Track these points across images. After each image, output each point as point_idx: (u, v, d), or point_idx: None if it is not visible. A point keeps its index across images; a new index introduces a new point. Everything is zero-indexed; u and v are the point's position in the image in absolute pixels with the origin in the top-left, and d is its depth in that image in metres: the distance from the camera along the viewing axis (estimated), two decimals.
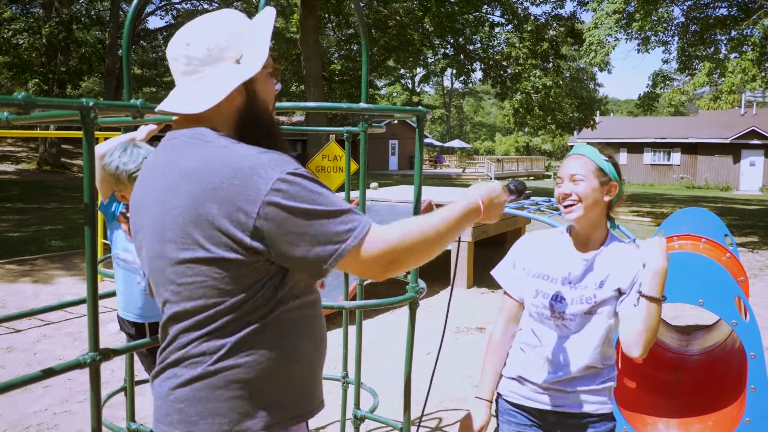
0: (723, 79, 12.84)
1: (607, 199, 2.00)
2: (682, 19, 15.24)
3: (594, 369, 2.02)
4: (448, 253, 8.69)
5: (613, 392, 2.08)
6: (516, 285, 2.14)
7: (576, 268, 2.02)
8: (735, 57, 13.01)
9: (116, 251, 3.00)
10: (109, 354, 2.01)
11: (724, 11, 14.65)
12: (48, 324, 6.18)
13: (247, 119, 1.45)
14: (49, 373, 1.88)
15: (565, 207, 2.00)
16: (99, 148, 2.87)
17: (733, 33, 13.78)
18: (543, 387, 2.04)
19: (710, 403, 3.76)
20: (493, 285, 8.14)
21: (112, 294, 3.60)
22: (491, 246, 10.25)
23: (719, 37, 14.58)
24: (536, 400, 2.06)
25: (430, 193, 9.02)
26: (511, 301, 2.15)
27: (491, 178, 37.42)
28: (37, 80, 23.91)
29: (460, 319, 6.62)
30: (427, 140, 49.31)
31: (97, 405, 1.96)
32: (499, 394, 2.16)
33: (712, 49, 14.42)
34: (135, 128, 3.09)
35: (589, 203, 1.97)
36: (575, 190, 1.97)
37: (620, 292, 1.98)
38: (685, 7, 15.14)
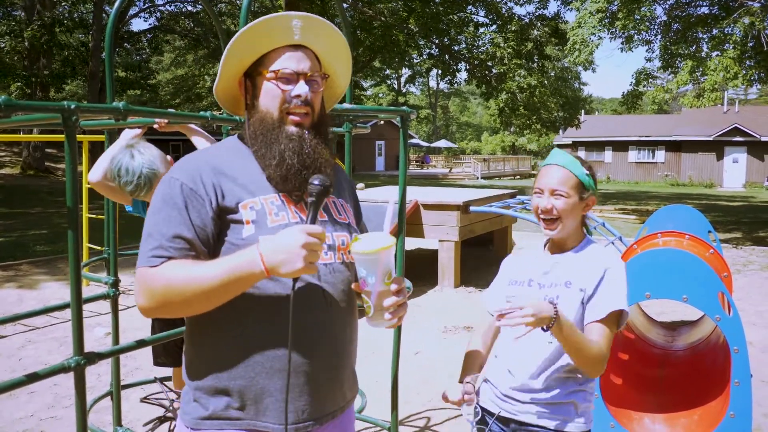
0: (705, 77, 12.95)
1: (584, 212, 2.00)
2: (665, 18, 15.36)
3: (558, 379, 1.92)
4: (435, 252, 8.70)
5: (582, 408, 1.95)
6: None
7: (543, 267, 2.00)
8: (717, 55, 13.13)
9: None
10: (95, 358, 2.00)
11: (705, 10, 14.78)
12: (33, 329, 6.13)
13: (250, 125, 1.61)
14: (33, 378, 1.87)
15: (545, 221, 1.96)
16: (94, 173, 2.71)
17: (715, 31, 13.90)
18: (503, 393, 2.00)
19: (695, 398, 3.79)
20: (480, 284, 8.17)
21: (98, 298, 3.59)
22: (478, 245, 10.30)
23: (701, 35, 14.70)
24: (499, 405, 2.01)
25: (416, 193, 9.04)
26: None
27: (477, 178, 37.50)
28: (19, 84, 23.69)
29: (448, 318, 6.63)
30: (413, 140, 49.35)
31: (82, 410, 1.95)
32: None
33: (694, 48, 14.55)
34: (118, 131, 3.07)
35: (569, 220, 1.95)
36: (556, 206, 1.93)
37: (585, 295, 1.90)
38: (667, 6, 15.25)
